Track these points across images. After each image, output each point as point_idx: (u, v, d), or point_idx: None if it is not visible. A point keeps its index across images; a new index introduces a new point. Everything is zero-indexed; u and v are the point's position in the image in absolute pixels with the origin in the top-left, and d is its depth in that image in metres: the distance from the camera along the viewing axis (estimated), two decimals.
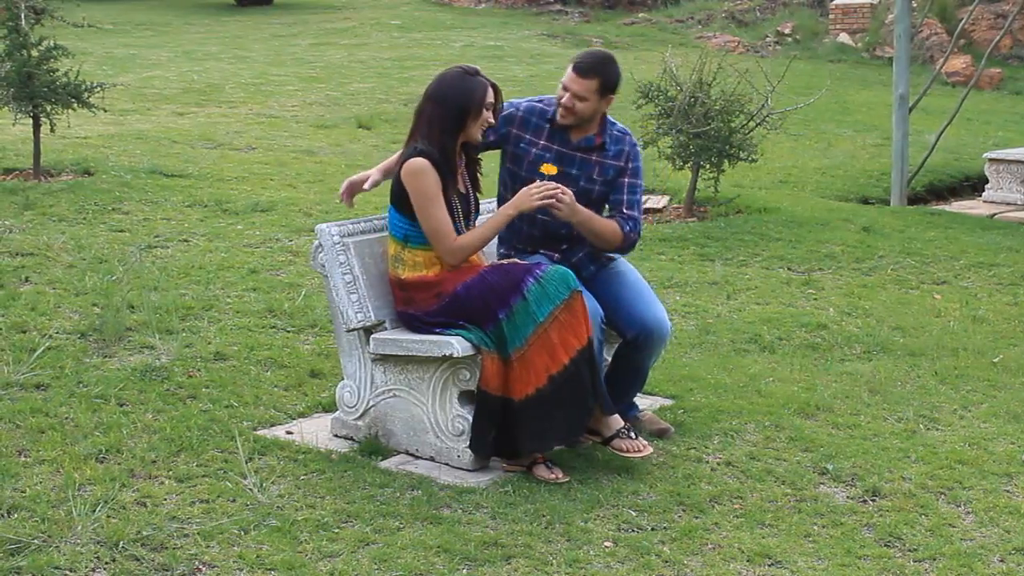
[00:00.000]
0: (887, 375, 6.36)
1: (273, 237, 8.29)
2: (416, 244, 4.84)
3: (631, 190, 5.16)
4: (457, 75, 4.87)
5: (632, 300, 5.16)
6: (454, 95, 4.81)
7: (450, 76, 4.88)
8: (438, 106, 4.81)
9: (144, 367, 5.72)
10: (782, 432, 5.44)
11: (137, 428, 5.09)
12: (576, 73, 5.04)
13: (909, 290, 8.32)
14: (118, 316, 6.24)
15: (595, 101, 5.06)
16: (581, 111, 5.05)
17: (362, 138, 13.10)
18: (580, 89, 5.04)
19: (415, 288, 4.86)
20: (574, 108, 5.06)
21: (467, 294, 4.79)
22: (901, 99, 11.58)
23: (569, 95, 5.05)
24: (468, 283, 4.81)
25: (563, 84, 5.09)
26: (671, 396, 5.87)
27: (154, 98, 14.59)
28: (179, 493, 4.53)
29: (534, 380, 4.72)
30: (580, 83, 5.04)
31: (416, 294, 4.86)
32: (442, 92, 4.83)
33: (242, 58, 18.75)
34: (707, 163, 10.11)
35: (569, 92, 5.05)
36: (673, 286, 7.93)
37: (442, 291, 4.81)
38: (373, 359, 5.06)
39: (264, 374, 5.86)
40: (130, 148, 10.99)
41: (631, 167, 5.17)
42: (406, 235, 4.86)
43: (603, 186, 5.14)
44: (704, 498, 4.72)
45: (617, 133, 5.21)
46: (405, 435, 5.03)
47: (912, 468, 5.12)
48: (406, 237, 4.86)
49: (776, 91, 10.22)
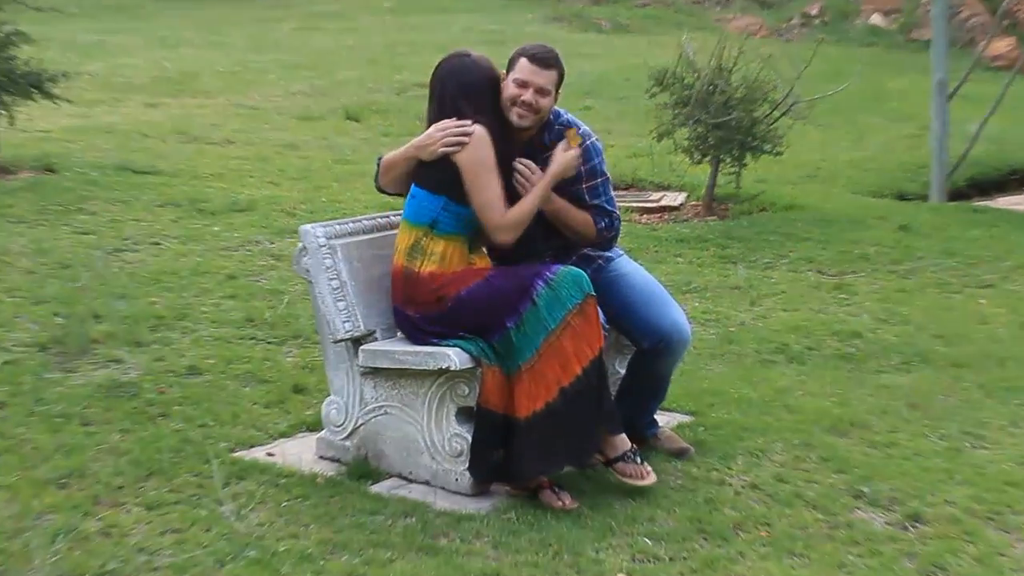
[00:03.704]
0: (928, 388, 6.33)
1: (253, 239, 8.28)
2: (443, 231, 4.80)
3: (593, 193, 5.05)
4: (456, 59, 4.92)
5: (644, 305, 5.12)
6: (465, 74, 4.86)
7: (447, 62, 4.92)
8: (459, 88, 4.83)
9: (110, 383, 5.69)
10: (813, 451, 5.41)
11: (102, 450, 5.05)
12: (537, 65, 4.89)
13: (951, 294, 8.30)
14: (82, 327, 6.21)
15: (553, 97, 4.99)
16: (544, 108, 4.93)
17: (350, 131, 13.10)
18: (544, 82, 4.90)
19: (423, 284, 4.80)
20: (537, 105, 4.90)
21: (471, 299, 4.76)
22: (940, 85, 11.57)
23: (531, 91, 4.88)
24: (472, 288, 4.77)
25: (519, 80, 4.90)
26: (690, 412, 5.83)
27: (123, 88, 14.59)
28: (148, 522, 4.49)
29: (544, 394, 4.69)
30: (543, 75, 4.90)
31: (421, 291, 4.81)
32: (455, 76, 4.87)
33: (219, 44, 18.76)
34: (728, 156, 10.10)
35: (531, 87, 4.89)
36: (692, 291, 7.91)
37: (444, 294, 4.77)
38: (362, 373, 5.03)
39: (243, 390, 5.83)
40: (97, 143, 10.98)
41: (584, 169, 5.01)
42: (435, 220, 4.82)
43: (558, 192, 5.04)
44: (727, 525, 4.68)
45: (560, 128, 5.11)
46: (398, 456, 4.99)
47: (957, 491, 5.07)
48: (434, 222, 4.81)
49: (803, 78, 10.21)
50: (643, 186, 11.20)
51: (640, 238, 9.30)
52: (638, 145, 12.72)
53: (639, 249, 8.78)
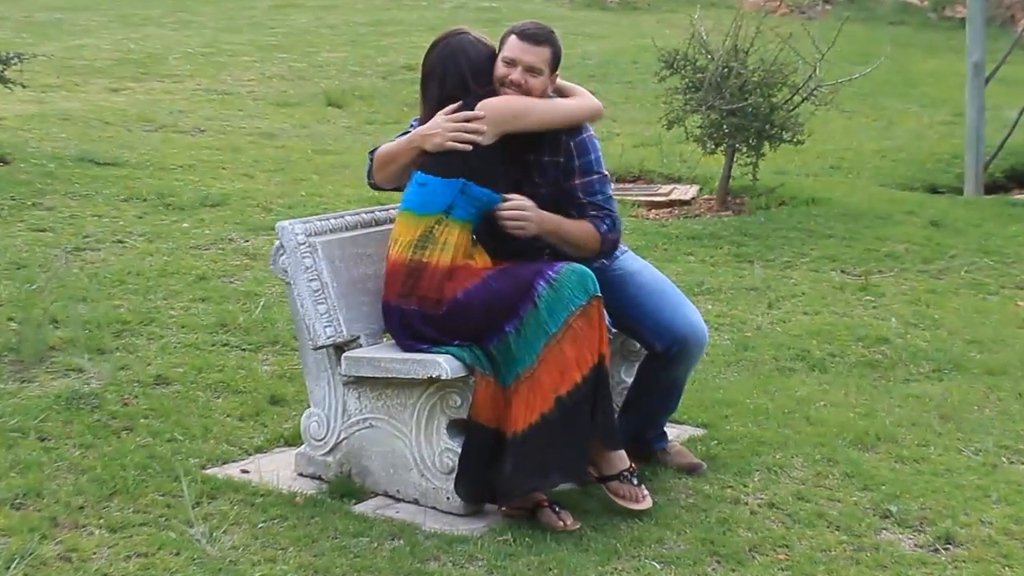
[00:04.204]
0: (961, 398, 6.34)
1: (226, 237, 8.29)
2: (458, 216, 4.84)
3: (588, 191, 5.02)
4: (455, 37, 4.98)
5: (656, 304, 5.13)
6: (470, 51, 4.93)
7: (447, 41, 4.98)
8: (468, 66, 4.91)
9: (70, 394, 5.69)
10: (836, 467, 5.42)
11: (61, 467, 5.06)
12: (527, 42, 4.94)
13: (987, 296, 8.31)
14: (39, 333, 6.21)
15: (547, 77, 5.01)
16: (535, 88, 4.96)
17: (332, 118, 13.11)
18: (535, 60, 4.94)
19: (435, 275, 4.79)
20: (527, 86, 4.94)
21: (468, 302, 4.77)
22: (976, 68, 11.59)
23: (520, 70, 4.92)
24: (470, 289, 4.79)
25: (507, 59, 4.95)
26: (702, 425, 5.85)
27: (83, 71, 14.59)
28: (112, 545, 4.50)
29: (540, 404, 4.70)
30: (534, 52, 4.94)
31: (429, 283, 4.80)
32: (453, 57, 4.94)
33: (188, 23, 18.76)
34: (744, 146, 10.11)
35: (520, 66, 4.93)
36: (704, 293, 7.92)
37: (442, 297, 4.78)
38: (345, 382, 5.04)
39: (215, 401, 5.84)
40: (54, 131, 10.99)
41: (578, 164, 5.01)
42: (451, 205, 4.84)
43: (547, 188, 5.06)
44: (743, 547, 4.69)
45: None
46: (384, 473, 5.00)
47: (993, 510, 5.09)
48: (450, 207, 4.83)
49: (826, 59, 10.22)
50: (651, 178, 11.20)
51: (648, 235, 9.31)
52: (646, 134, 12.74)
53: (647, 247, 8.79)
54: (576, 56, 16.96)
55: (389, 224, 5.15)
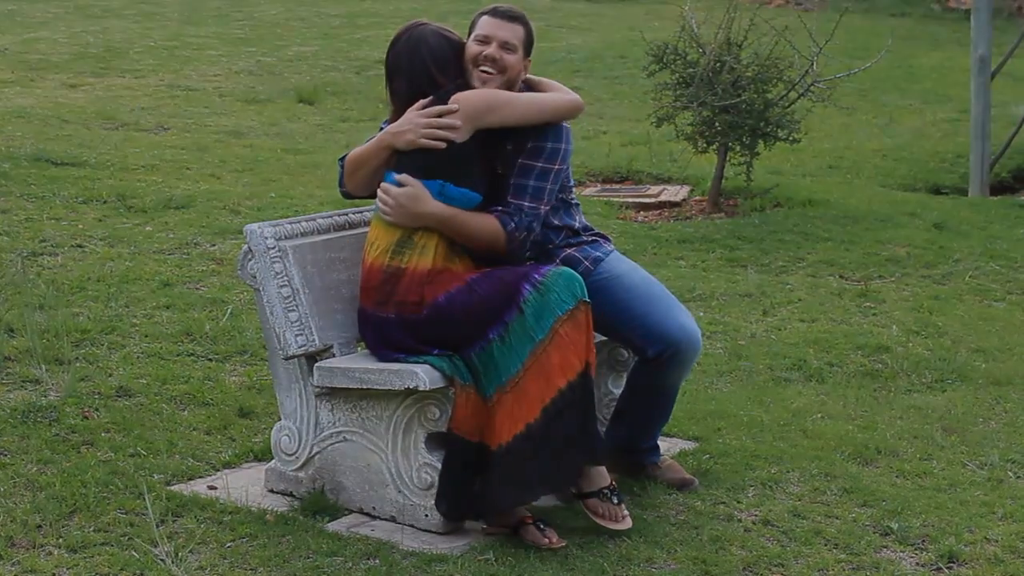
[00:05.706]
0: (965, 410, 6.37)
1: (191, 241, 8.28)
2: None
3: (524, 173, 4.97)
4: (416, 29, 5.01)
5: (646, 308, 5.14)
6: (433, 42, 4.94)
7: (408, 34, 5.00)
8: (432, 58, 4.93)
9: (27, 406, 5.69)
10: (834, 482, 5.44)
11: (18, 484, 5.06)
12: (500, 18, 5.02)
13: (992, 302, 8.34)
14: None
15: (521, 56, 5.06)
16: (510, 65, 5.01)
17: (303, 115, 13.10)
18: (509, 35, 5.01)
19: (413, 280, 4.80)
20: (503, 61, 4.99)
21: (450, 307, 4.78)
22: (981, 62, 11.63)
23: (495, 45, 4.99)
24: (452, 294, 4.81)
25: (480, 36, 5.01)
26: (694, 438, 5.87)
27: (39, 66, 14.55)
28: (71, 566, 4.50)
29: (524, 415, 4.71)
30: (508, 28, 5.01)
31: (407, 288, 4.80)
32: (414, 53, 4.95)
33: (151, 15, 18.74)
34: (737, 144, 10.13)
35: (495, 41, 4.99)
36: (696, 299, 7.94)
37: (424, 295, 4.79)
38: (318, 394, 5.05)
39: (180, 414, 5.84)
40: (8, 129, 10.96)
41: (536, 146, 4.99)
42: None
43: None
44: (736, 566, 4.71)
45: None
46: (359, 489, 5.01)
47: (998, 527, 5.12)
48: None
49: (824, 53, 10.25)
50: (640, 179, 11.21)
51: (637, 238, 9.33)
52: (634, 132, 12.75)
53: (635, 251, 8.81)
54: (561, 50, 17.01)
55: (364, 227, 5.16)
